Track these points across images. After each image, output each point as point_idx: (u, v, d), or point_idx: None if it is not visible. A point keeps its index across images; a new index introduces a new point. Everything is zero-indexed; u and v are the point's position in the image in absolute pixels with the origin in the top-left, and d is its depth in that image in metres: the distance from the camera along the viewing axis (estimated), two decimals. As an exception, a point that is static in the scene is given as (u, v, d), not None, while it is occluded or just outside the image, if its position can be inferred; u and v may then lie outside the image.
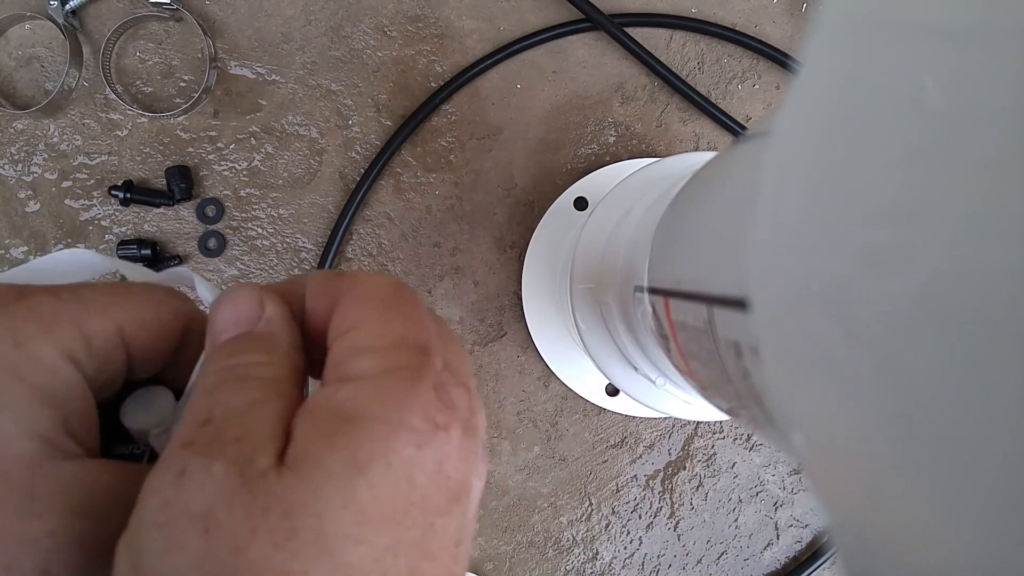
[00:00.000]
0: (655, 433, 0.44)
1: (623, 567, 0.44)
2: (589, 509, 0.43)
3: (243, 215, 0.42)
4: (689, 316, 0.17)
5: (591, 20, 0.42)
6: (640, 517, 0.44)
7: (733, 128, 0.42)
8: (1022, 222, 0.07)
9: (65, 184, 0.41)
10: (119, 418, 0.16)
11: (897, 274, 0.08)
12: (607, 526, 0.44)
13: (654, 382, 0.30)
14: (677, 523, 0.44)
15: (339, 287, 0.16)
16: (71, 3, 0.40)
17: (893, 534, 0.09)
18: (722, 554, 0.44)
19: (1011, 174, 0.07)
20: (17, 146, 0.41)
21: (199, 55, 0.41)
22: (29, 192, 0.41)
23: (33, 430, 0.13)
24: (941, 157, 0.08)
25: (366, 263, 0.43)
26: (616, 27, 0.41)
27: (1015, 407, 0.07)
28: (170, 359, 0.17)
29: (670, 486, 0.44)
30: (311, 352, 0.16)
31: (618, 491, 0.44)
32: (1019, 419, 0.07)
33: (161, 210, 0.41)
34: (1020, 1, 0.07)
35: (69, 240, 0.41)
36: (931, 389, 0.08)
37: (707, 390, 0.19)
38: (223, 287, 0.42)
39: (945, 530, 0.08)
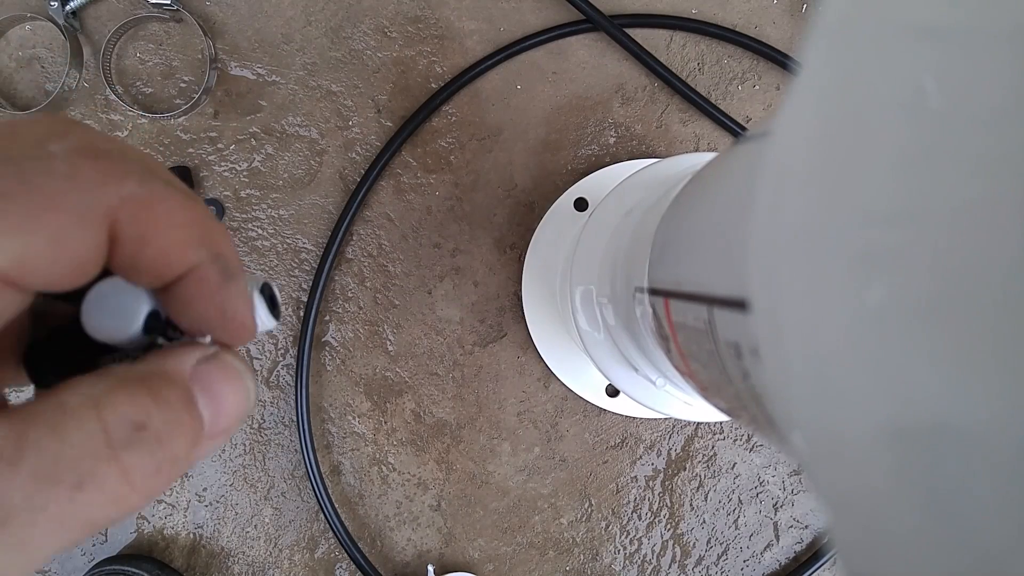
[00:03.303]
0: (655, 434, 0.44)
1: (623, 568, 0.44)
2: (589, 510, 0.43)
3: (243, 216, 0.42)
4: (689, 317, 0.17)
5: (591, 21, 0.42)
6: (640, 518, 0.44)
7: (733, 129, 0.42)
8: (1022, 223, 0.07)
9: (65, 185, 0.41)
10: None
11: (897, 275, 0.08)
12: (607, 527, 0.44)
13: (654, 383, 0.30)
14: (677, 524, 0.44)
15: None
16: (71, 4, 0.40)
17: (893, 535, 0.09)
18: (722, 555, 0.44)
19: (1011, 175, 0.07)
20: (17, 147, 0.41)
21: (199, 56, 0.41)
22: (29, 193, 0.41)
23: None
24: (941, 158, 0.08)
25: (366, 264, 0.43)
26: (616, 28, 0.41)
27: (1015, 402, 0.07)
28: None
29: (670, 487, 0.44)
30: None
31: (618, 492, 0.44)
32: (1018, 410, 0.07)
33: (161, 211, 0.41)
34: (1018, 1, 0.07)
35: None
36: (931, 388, 0.08)
37: (707, 391, 0.19)
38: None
39: (943, 531, 0.08)
